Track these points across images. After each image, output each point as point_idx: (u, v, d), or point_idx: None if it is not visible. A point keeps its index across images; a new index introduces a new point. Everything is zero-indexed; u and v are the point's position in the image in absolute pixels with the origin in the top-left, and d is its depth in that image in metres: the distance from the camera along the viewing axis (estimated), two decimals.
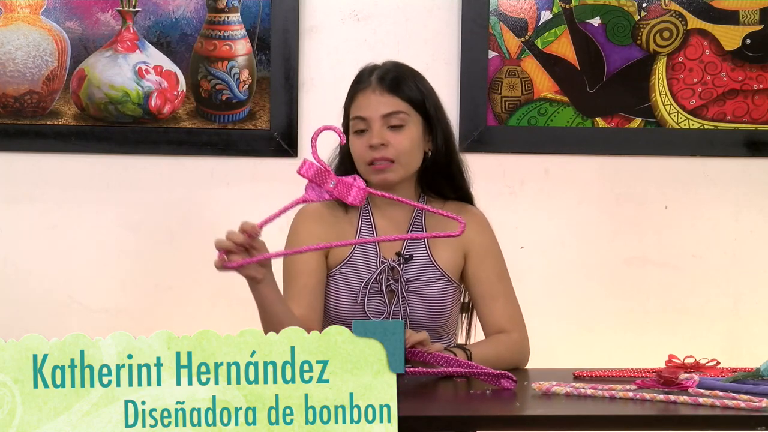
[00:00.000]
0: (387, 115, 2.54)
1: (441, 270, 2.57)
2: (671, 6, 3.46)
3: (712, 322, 3.50)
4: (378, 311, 2.53)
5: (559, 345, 3.37)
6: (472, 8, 3.41)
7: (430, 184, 2.64)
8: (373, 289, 2.54)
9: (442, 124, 2.61)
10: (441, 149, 2.60)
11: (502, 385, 2.14)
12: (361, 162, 2.55)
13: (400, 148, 2.53)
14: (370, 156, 2.53)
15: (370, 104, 2.55)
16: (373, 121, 2.54)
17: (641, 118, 3.47)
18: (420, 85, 2.60)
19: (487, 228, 2.65)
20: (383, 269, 2.55)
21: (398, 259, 2.56)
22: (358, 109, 2.56)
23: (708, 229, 3.51)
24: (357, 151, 2.56)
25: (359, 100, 2.57)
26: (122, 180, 3.39)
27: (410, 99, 2.57)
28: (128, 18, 3.37)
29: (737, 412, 1.95)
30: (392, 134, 2.53)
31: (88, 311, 3.36)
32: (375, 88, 2.55)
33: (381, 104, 2.54)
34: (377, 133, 2.52)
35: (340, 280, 2.57)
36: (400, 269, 2.55)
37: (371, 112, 2.54)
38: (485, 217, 2.66)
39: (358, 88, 2.58)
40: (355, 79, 2.62)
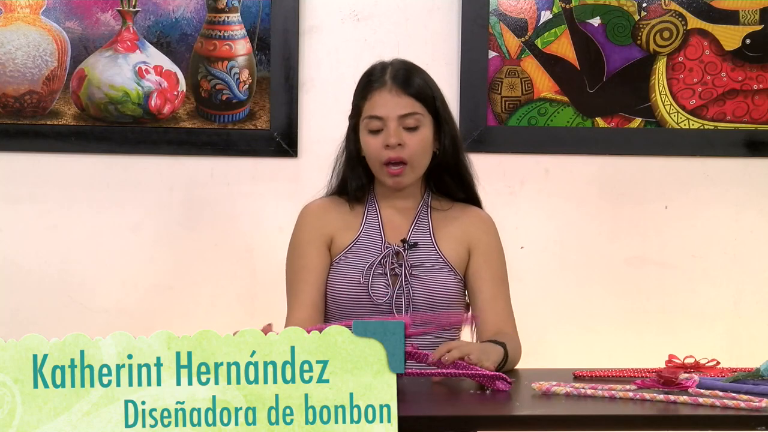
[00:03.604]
0: (404, 116, 2.57)
1: (445, 259, 2.60)
2: (671, 6, 3.46)
3: (712, 322, 3.50)
4: (382, 293, 2.55)
5: (559, 345, 3.37)
6: (472, 8, 3.41)
7: (437, 184, 2.67)
8: (377, 272, 2.57)
9: (449, 123, 2.65)
10: (449, 149, 2.63)
11: (497, 387, 2.14)
12: (376, 161, 2.58)
13: (415, 150, 2.57)
14: (386, 156, 2.56)
15: (386, 104, 2.57)
16: (390, 120, 2.56)
17: (641, 118, 3.47)
18: (430, 83, 2.63)
19: (494, 230, 2.68)
20: (387, 253, 2.58)
21: (403, 245, 2.59)
22: (374, 108, 2.57)
23: (708, 229, 3.51)
24: (372, 151, 2.58)
25: (375, 99, 2.58)
26: (122, 180, 3.39)
27: (423, 99, 2.59)
28: (128, 18, 3.37)
29: (737, 412, 1.95)
30: (408, 135, 2.57)
31: (88, 311, 3.35)
32: (391, 88, 2.57)
33: (398, 105, 2.57)
34: (395, 133, 2.55)
35: (345, 264, 2.59)
36: (405, 254, 2.58)
37: (388, 112, 2.56)
38: (493, 222, 2.70)
39: (372, 86, 2.59)
40: (365, 77, 2.63)
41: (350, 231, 2.62)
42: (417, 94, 2.58)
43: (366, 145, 2.59)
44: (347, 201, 2.65)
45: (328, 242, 2.61)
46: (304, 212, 2.67)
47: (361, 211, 2.64)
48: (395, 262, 2.58)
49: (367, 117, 2.58)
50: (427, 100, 2.59)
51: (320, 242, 2.61)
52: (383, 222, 2.63)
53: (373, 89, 2.59)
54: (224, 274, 3.42)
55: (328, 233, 2.62)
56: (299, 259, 2.61)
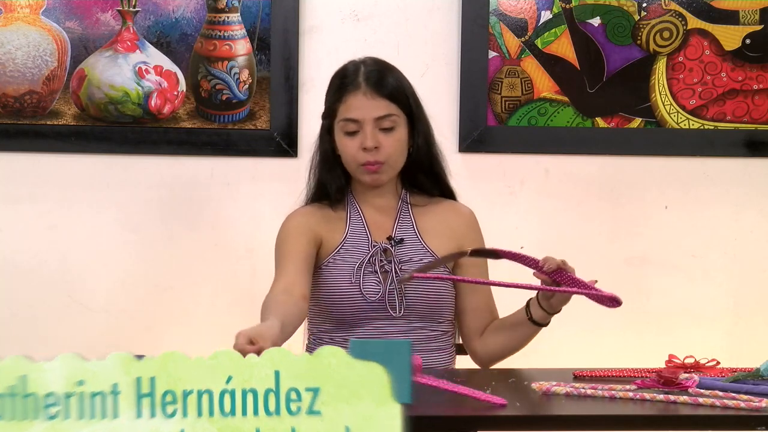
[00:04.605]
0: (379, 118, 2.57)
1: (432, 253, 2.61)
2: (671, 6, 3.46)
3: (712, 322, 3.50)
4: (374, 291, 2.55)
5: (559, 345, 3.37)
6: (472, 8, 3.41)
7: (412, 180, 2.69)
8: (367, 270, 2.57)
9: (422, 120, 2.65)
10: (422, 147, 2.65)
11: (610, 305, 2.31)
12: (353, 162, 2.59)
13: (391, 151, 2.58)
14: (363, 158, 2.57)
15: (362, 107, 2.57)
16: (366, 123, 2.56)
17: (641, 118, 3.47)
18: (403, 82, 2.63)
19: (476, 224, 2.73)
20: (376, 251, 2.58)
21: (390, 242, 2.60)
22: (349, 110, 2.57)
23: (708, 229, 3.51)
24: (349, 153, 2.59)
25: (350, 101, 2.58)
26: (122, 180, 3.39)
27: (398, 100, 2.59)
28: (128, 18, 3.37)
29: (737, 412, 1.95)
30: (383, 136, 2.57)
31: (88, 311, 3.35)
32: (366, 90, 2.57)
33: (373, 107, 2.57)
34: (371, 136, 2.55)
35: (334, 266, 2.59)
36: (393, 250, 2.59)
37: (364, 115, 2.56)
38: (474, 214, 2.73)
39: (346, 88, 2.59)
40: (338, 78, 2.63)
41: (336, 234, 2.62)
42: (391, 95, 2.58)
43: (343, 146, 2.60)
44: (329, 205, 2.65)
45: (318, 241, 2.61)
46: (287, 220, 2.67)
47: (344, 213, 2.65)
48: (384, 259, 2.59)
49: (343, 120, 2.58)
50: (402, 100, 2.60)
51: (310, 236, 2.60)
52: (367, 221, 2.63)
53: (347, 91, 2.58)
54: (224, 274, 3.42)
55: (317, 233, 2.62)
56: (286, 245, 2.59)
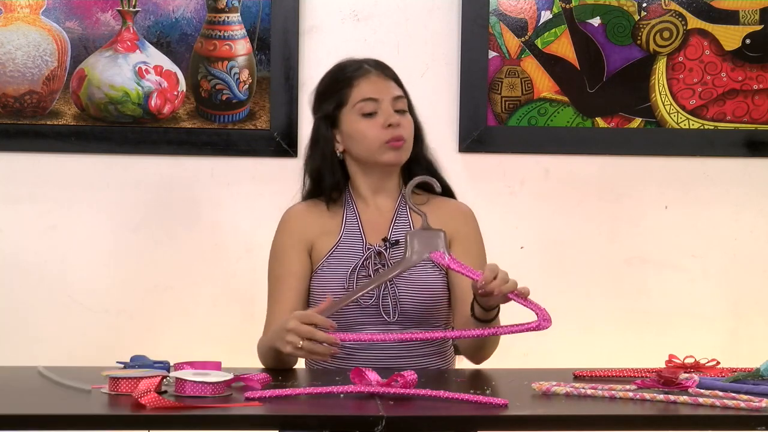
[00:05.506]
0: (396, 98, 2.60)
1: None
2: (671, 6, 3.46)
3: (712, 322, 3.50)
4: (368, 295, 2.52)
5: (559, 345, 3.37)
6: (472, 8, 3.41)
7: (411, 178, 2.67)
8: (360, 274, 2.55)
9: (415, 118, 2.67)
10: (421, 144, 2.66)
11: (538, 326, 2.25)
12: (376, 141, 2.57)
13: (410, 131, 2.60)
14: (388, 134, 2.57)
15: (379, 87, 2.59)
16: (385, 102, 2.58)
17: (641, 118, 3.47)
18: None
19: (474, 221, 2.68)
20: (370, 254, 2.56)
21: (385, 244, 2.58)
22: (367, 91, 2.59)
23: (708, 229, 3.51)
24: (371, 133, 2.58)
25: (364, 84, 2.59)
26: (122, 180, 3.39)
27: (402, 89, 2.64)
28: (128, 18, 3.37)
29: (737, 412, 1.95)
30: (400, 117, 2.59)
31: (88, 311, 3.35)
32: (378, 73, 2.61)
33: (389, 87, 2.60)
34: (393, 113, 2.57)
35: (327, 269, 2.58)
36: (387, 253, 2.57)
37: (383, 94, 2.59)
38: (472, 212, 2.70)
39: (355, 74, 2.61)
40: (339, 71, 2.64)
41: (330, 236, 2.60)
42: (398, 82, 2.63)
43: (362, 129, 2.58)
44: (325, 202, 2.64)
45: (309, 248, 2.60)
46: (284, 218, 2.67)
47: (340, 213, 2.62)
48: (378, 262, 2.56)
49: (360, 101, 2.58)
50: (405, 91, 2.64)
51: (301, 248, 2.59)
52: (362, 222, 2.61)
53: (358, 76, 2.60)
54: (224, 274, 3.42)
55: (308, 239, 2.60)
56: (280, 267, 2.60)
